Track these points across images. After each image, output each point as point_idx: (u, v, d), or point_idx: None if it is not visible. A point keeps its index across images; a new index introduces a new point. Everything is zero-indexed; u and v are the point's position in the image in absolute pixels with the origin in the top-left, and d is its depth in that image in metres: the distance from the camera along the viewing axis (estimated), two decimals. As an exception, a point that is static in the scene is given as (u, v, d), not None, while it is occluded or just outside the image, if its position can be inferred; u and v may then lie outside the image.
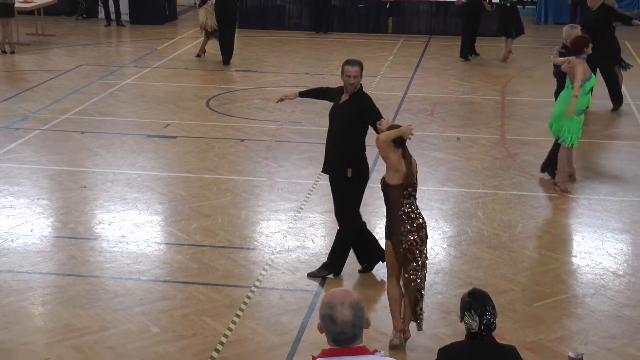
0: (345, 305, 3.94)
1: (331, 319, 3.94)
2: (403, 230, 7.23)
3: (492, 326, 5.09)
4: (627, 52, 20.47)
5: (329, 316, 3.94)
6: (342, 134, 8.48)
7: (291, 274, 8.86)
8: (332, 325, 3.94)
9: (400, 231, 7.24)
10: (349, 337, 3.95)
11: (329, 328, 3.96)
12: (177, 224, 10.08)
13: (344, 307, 3.93)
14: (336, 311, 3.93)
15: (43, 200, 10.83)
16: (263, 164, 12.23)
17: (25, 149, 12.77)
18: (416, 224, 7.26)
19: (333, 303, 3.96)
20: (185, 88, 16.87)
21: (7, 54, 19.43)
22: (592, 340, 7.64)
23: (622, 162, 12.59)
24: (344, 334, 3.94)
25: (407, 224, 7.23)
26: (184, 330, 7.73)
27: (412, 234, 7.23)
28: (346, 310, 3.93)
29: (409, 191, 7.24)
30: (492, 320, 5.09)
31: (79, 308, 8.09)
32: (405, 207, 7.24)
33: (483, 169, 11.96)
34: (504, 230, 9.99)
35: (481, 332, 5.08)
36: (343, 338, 3.96)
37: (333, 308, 3.94)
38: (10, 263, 9.03)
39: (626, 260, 9.34)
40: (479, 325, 5.06)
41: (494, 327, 5.11)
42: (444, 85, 17.09)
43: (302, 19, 23.40)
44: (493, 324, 5.10)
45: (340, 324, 3.92)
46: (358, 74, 8.50)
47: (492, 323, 5.09)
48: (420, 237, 7.28)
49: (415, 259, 7.27)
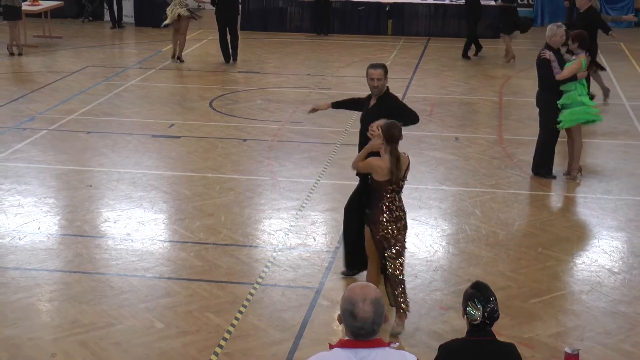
0: (367, 303, 4.00)
1: (352, 315, 4.00)
2: (382, 220, 7.59)
3: (495, 314, 5.05)
4: (622, 53, 20.66)
5: (350, 312, 4.01)
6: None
7: (293, 271, 8.94)
8: (353, 320, 4.01)
9: (379, 220, 7.60)
10: (368, 332, 4.02)
11: (349, 323, 4.02)
12: (181, 222, 10.17)
13: (365, 304, 4.00)
14: (357, 307, 3.99)
15: (50, 199, 10.92)
16: (265, 164, 12.32)
17: (32, 148, 12.87)
18: (395, 216, 7.61)
19: (354, 299, 4.02)
20: (189, 89, 16.98)
21: (15, 55, 19.58)
22: (588, 336, 7.71)
23: (617, 161, 12.67)
24: (363, 329, 4.00)
25: (385, 215, 7.58)
26: (188, 326, 7.79)
27: (390, 224, 7.59)
28: (367, 307, 3.99)
29: (392, 187, 7.56)
30: (496, 308, 5.05)
31: (85, 304, 8.15)
32: (386, 200, 7.56)
33: (481, 168, 12.06)
34: (501, 228, 10.09)
35: (484, 321, 5.02)
36: (362, 333, 4.02)
37: (354, 304, 4.00)
38: (18, 260, 9.11)
39: (621, 257, 9.43)
40: (482, 314, 5.00)
41: (497, 316, 5.07)
42: (443, 86, 17.18)
43: (303, 22, 23.51)
44: (496, 312, 5.05)
45: (360, 320, 3.99)
46: (381, 76, 8.55)
47: (496, 311, 5.05)
48: (396, 228, 7.62)
49: (390, 247, 7.61)
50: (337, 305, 8.17)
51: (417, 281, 8.72)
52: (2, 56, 19.58)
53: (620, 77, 17.91)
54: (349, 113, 14.86)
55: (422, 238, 9.79)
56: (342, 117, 14.71)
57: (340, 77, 18.12)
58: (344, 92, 16.63)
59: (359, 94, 16.30)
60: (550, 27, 11.71)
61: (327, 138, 13.53)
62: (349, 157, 12.38)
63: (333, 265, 9.07)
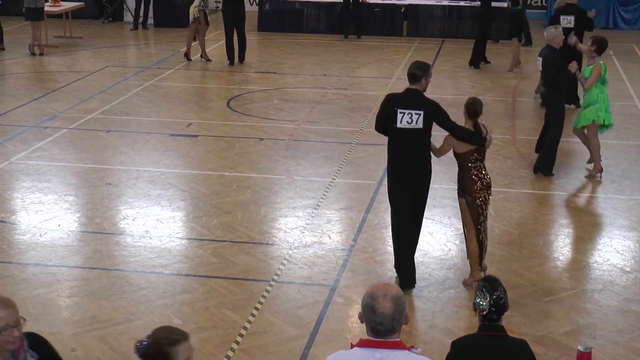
0: (387, 298, 4.04)
1: (372, 310, 4.04)
2: (476, 188, 8.38)
3: (501, 302, 5.05)
4: (634, 55, 20.65)
5: (370, 306, 4.05)
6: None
7: (308, 268, 9.02)
8: (372, 315, 4.05)
9: (473, 189, 8.38)
10: (388, 329, 4.05)
11: (369, 318, 4.06)
12: (199, 220, 10.27)
13: (386, 299, 4.04)
14: (377, 302, 4.03)
15: (70, 197, 11.03)
16: (282, 162, 12.41)
17: (53, 147, 13.00)
18: (485, 183, 8.43)
19: (375, 294, 4.06)
20: (206, 89, 17.09)
21: (37, 55, 19.77)
22: (600, 334, 7.75)
23: (629, 162, 12.69)
24: (383, 325, 4.04)
25: (477, 183, 8.39)
26: (205, 322, 7.86)
27: (482, 191, 8.40)
28: (387, 303, 4.03)
29: (475, 156, 8.40)
30: (502, 296, 5.06)
31: (104, 300, 8.24)
32: (473, 169, 8.42)
33: (494, 168, 12.07)
34: (514, 228, 10.17)
35: (491, 309, 5.03)
36: (381, 329, 4.06)
37: (375, 299, 4.04)
38: (39, 256, 9.22)
39: (633, 257, 9.47)
40: (489, 302, 5.02)
41: (503, 305, 5.07)
42: (457, 87, 17.21)
43: (320, 23, 23.63)
44: (503, 301, 5.06)
45: (380, 315, 4.03)
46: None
47: (502, 299, 5.05)
48: (489, 194, 8.48)
49: (483, 213, 8.43)
50: (352, 302, 8.31)
51: (430, 279, 8.79)
52: (24, 56, 19.78)
53: (633, 78, 17.91)
54: (364, 113, 15.01)
55: (436, 237, 9.87)
56: (357, 117, 14.83)
57: (356, 78, 18.21)
58: (360, 92, 16.78)
59: (374, 94, 16.46)
60: (549, 30, 11.84)
61: (343, 138, 13.62)
62: (364, 156, 12.57)
63: (348, 263, 9.15)
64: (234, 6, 18.85)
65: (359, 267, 9.08)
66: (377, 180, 11.60)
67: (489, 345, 5.10)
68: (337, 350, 5.22)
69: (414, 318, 8.01)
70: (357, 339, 7.59)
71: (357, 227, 10.11)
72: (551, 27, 11.95)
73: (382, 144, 9.15)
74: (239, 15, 18.95)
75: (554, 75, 11.47)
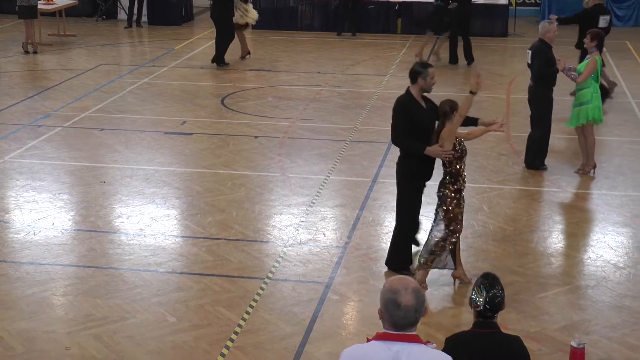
0: (409, 291, 4.06)
1: (395, 304, 4.05)
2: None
3: (497, 300, 5.08)
4: (628, 51, 20.69)
5: (393, 301, 4.06)
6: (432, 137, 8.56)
7: (303, 266, 9.03)
8: (396, 309, 4.06)
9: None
10: (411, 321, 4.07)
11: (391, 312, 4.07)
12: (193, 218, 10.28)
13: (408, 292, 4.06)
14: (400, 296, 4.05)
15: (64, 195, 11.03)
16: (276, 160, 12.42)
17: (47, 145, 13.00)
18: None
19: (397, 288, 4.07)
20: (201, 87, 17.08)
21: (30, 54, 19.76)
22: (593, 330, 7.78)
23: (622, 158, 12.72)
24: (406, 318, 4.06)
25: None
26: (199, 320, 7.87)
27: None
28: (409, 295, 4.05)
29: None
30: (498, 295, 5.08)
31: (99, 298, 8.25)
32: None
33: (488, 165, 12.13)
34: (508, 224, 10.19)
35: (486, 306, 5.07)
36: (404, 322, 4.07)
37: (397, 293, 4.06)
38: (33, 255, 9.23)
39: (627, 252, 9.50)
40: (484, 299, 5.06)
41: (499, 303, 5.10)
42: (451, 84, 17.23)
43: (314, 20, 23.64)
44: (498, 299, 5.09)
45: (403, 308, 4.04)
46: None
47: (498, 297, 5.08)
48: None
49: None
50: (346, 299, 8.33)
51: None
52: (18, 54, 19.76)
53: (626, 74, 17.95)
54: (359, 110, 15.03)
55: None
56: (351, 114, 14.84)
57: (351, 75, 18.22)
58: (354, 89, 16.78)
59: (368, 91, 16.48)
60: (542, 24, 11.86)
61: (337, 135, 13.63)
62: (359, 153, 12.58)
63: (342, 260, 9.16)
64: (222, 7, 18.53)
65: (353, 265, 9.09)
66: (372, 177, 11.61)
67: (483, 341, 5.12)
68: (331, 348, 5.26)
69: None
70: (352, 335, 7.64)
71: (351, 225, 10.12)
72: (545, 22, 11.96)
73: (376, 141, 9.24)
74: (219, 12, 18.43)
75: (542, 68, 11.49)
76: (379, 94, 16.15)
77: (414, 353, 4.07)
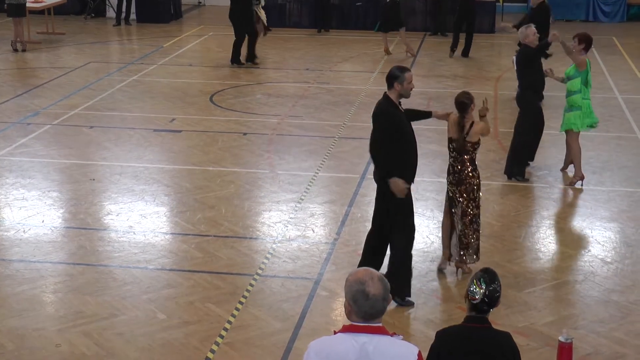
0: (375, 280, 4.08)
1: (364, 294, 4.05)
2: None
3: (495, 294, 5.06)
4: (614, 47, 20.77)
5: (362, 291, 4.06)
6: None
7: (292, 262, 9.06)
8: (365, 299, 4.06)
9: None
10: (379, 310, 4.09)
11: (360, 303, 4.07)
12: (183, 215, 10.30)
13: (374, 281, 4.07)
14: (368, 286, 4.06)
15: (54, 193, 11.03)
16: (265, 157, 12.44)
17: (36, 143, 12.99)
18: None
19: (363, 279, 4.08)
20: (190, 84, 17.08)
21: (19, 52, 19.71)
22: (581, 324, 7.83)
23: (609, 153, 12.77)
24: (375, 307, 4.08)
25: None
26: (189, 316, 7.90)
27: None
28: (377, 284, 4.07)
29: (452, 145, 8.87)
30: (498, 289, 5.07)
31: (89, 296, 8.26)
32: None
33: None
34: (496, 220, 10.24)
35: (484, 301, 5.04)
36: (373, 312, 4.09)
37: (364, 283, 4.07)
38: (23, 253, 9.23)
39: (614, 247, 9.57)
40: (484, 292, 5.02)
41: (497, 298, 5.09)
42: (439, 81, 17.27)
43: (302, 17, 23.66)
44: (497, 294, 5.07)
45: (372, 297, 4.05)
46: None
47: (496, 292, 5.06)
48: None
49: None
50: (335, 295, 8.35)
51: (413, 272, 8.80)
52: (6, 52, 19.72)
53: (613, 70, 18.04)
54: (347, 107, 15.07)
55: (419, 229, 9.77)
56: (340, 111, 14.88)
57: (338, 72, 18.26)
58: (342, 86, 16.82)
59: (356, 88, 16.51)
60: (520, 30, 11.70)
61: (326, 132, 13.66)
62: (348, 150, 12.61)
63: (331, 257, 9.19)
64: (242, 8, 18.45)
65: (342, 261, 9.11)
66: (360, 173, 11.65)
67: (473, 336, 5.12)
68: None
69: (396, 310, 8.05)
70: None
71: (340, 221, 10.16)
72: (522, 27, 11.80)
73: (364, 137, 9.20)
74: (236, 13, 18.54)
75: (529, 75, 11.41)
76: (367, 91, 16.18)
77: (380, 344, 4.09)
